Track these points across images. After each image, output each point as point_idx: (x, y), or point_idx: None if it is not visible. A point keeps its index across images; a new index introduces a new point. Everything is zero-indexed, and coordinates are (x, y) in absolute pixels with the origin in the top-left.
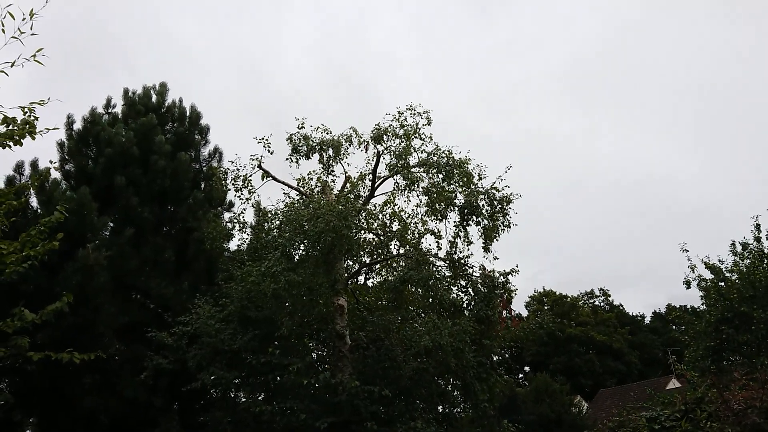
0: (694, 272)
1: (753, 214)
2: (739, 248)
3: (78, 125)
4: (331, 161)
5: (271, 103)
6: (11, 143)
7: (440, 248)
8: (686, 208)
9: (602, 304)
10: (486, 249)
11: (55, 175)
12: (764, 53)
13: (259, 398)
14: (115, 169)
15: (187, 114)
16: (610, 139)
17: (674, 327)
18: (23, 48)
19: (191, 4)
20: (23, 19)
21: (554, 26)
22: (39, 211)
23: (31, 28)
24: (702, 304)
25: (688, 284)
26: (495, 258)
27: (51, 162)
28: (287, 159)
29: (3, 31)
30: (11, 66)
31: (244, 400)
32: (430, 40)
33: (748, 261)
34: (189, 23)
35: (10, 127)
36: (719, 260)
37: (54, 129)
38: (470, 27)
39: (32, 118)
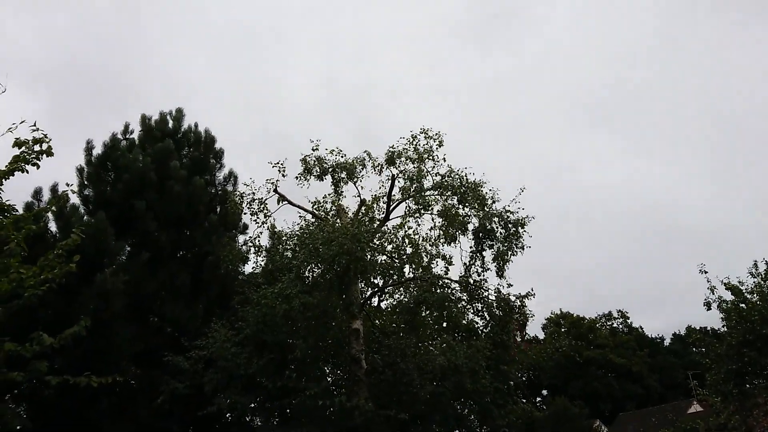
0: (713, 293)
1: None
2: (763, 267)
3: (97, 150)
4: (342, 183)
5: (278, 136)
6: (28, 166)
7: (449, 271)
8: (699, 230)
9: (620, 326)
10: (500, 275)
11: (74, 199)
12: None
13: (275, 422)
14: (133, 195)
15: (202, 138)
16: (621, 164)
17: (695, 349)
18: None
19: (201, 40)
20: None
21: (558, 57)
22: (58, 236)
23: None
24: (723, 326)
25: (708, 305)
26: (509, 285)
27: (68, 185)
28: (296, 177)
29: None
30: None
31: (259, 424)
32: (435, 73)
33: None
34: (199, 58)
35: (22, 149)
36: (739, 281)
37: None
38: (473, 59)
39: (41, 135)
